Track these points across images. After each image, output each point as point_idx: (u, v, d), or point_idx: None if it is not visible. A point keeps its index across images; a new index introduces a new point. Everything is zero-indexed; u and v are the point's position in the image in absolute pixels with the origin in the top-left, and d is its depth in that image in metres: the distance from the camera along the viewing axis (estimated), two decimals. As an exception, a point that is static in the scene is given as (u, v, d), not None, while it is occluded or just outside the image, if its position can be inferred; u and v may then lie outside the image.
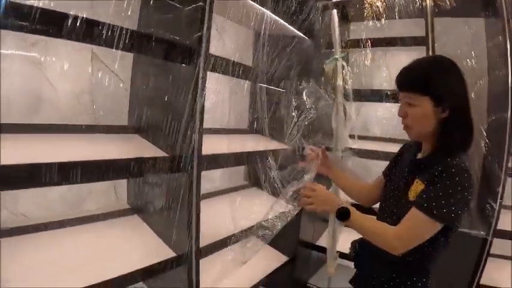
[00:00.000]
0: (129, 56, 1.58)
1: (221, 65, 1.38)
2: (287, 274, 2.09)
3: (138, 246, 1.36)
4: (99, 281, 1.09)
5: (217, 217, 1.71)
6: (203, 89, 1.28)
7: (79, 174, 1.03)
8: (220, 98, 1.91)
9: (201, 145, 1.31)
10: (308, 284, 2.21)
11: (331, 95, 2.04)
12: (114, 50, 1.08)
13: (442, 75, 1.08)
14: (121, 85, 1.57)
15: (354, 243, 1.38)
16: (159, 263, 1.27)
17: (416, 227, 1.06)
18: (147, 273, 1.24)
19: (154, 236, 1.46)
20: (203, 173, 2.01)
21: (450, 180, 1.02)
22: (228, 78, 1.98)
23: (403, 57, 2.20)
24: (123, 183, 1.67)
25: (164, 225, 1.44)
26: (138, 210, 1.60)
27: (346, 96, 2.03)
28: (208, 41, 1.26)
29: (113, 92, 1.55)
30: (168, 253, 1.35)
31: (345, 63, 2.02)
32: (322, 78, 2.05)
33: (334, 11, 2.05)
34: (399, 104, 1.16)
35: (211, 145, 1.53)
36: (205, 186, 2.07)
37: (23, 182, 0.95)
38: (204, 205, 1.81)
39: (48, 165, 0.96)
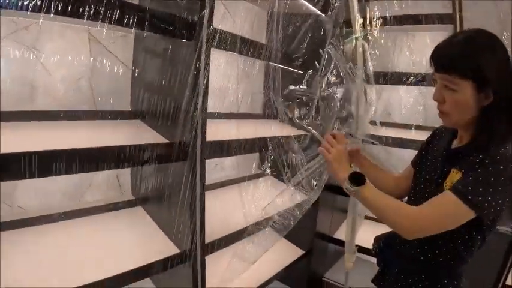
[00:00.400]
0: (130, 37, 1.46)
1: (227, 41, 1.24)
2: (303, 268, 1.98)
3: (139, 242, 1.26)
4: (91, 281, 0.99)
5: (228, 209, 1.59)
6: (206, 68, 1.15)
7: (69, 164, 0.91)
8: (231, 81, 1.77)
9: (205, 131, 1.19)
10: (324, 278, 2.09)
11: (350, 77, 1.89)
12: (107, 27, 0.97)
13: (488, 56, 0.91)
14: (121, 67, 1.45)
15: (377, 239, 1.25)
16: (159, 261, 1.17)
17: (443, 208, 0.93)
18: (144, 272, 1.14)
19: (157, 230, 1.35)
20: (212, 161, 1.93)
21: (493, 168, 0.88)
22: (239, 60, 1.85)
23: (428, 38, 2.00)
24: (127, 173, 1.57)
25: (167, 219, 1.33)
26: (142, 202, 1.50)
27: (366, 79, 1.88)
28: (211, 13, 1.13)
29: (114, 75, 1.44)
30: (170, 250, 1.24)
31: (364, 43, 1.86)
32: (341, 59, 1.88)
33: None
34: (427, 88, 1.01)
35: (219, 131, 1.42)
36: (216, 176, 1.97)
37: (19, 172, 0.84)
38: (214, 195, 1.75)
39: (41, 154, 0.86)
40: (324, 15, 1.81)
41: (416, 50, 2.06)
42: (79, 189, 1.43)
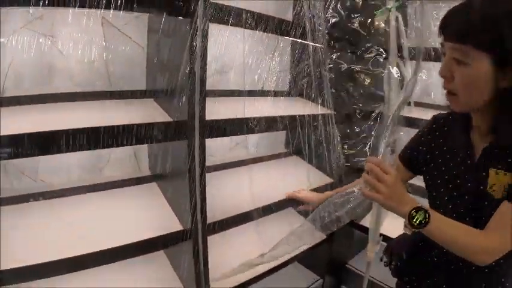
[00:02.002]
0: (143, 18, 1.48)
1: (229, 15, 1.19)
2: (324, 252, 1.91)
3: (145, 217, 1.30)
4: (87, 252, 1.05)
5: (239, 189, 1.57)
6: (203, 44, 1.13)
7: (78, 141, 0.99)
8: (255, 57, 1.72)
9: (204, 110, 1.17)
10: (347, 265, 2.00)
11: (382, 53, 1.73)
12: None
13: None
14: (135, 48, 1.48)
15: (390, 249, 1.13)
16: (159, 237, 1.20)
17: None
18: (145, 246, 1.18)
19: (166, 207, 1.39)
20: (234, 139, 1.91)
21: None
22: (263, 36, 1.78)
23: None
24: (144, 149, 1.62)
25: (174, 196, 1.36)
26: (157, 178, 1.55)
27: (400, 55, 1.70)
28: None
29: (128, 56, 1.47)
30: (174, 226, 1.27)
31: (399, 15, 1.67)
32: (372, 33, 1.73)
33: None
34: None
35: (229, 109, 1.39)
36: (239, 153, 1.96)
37: (38, 150, 0.95)
38: (229, 174, 1.75)
39: (54, 133, 0.94)
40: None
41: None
42: (98, 164, 1.52)
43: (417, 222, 0.85)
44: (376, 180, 0.89)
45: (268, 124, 1.33)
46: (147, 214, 1.32)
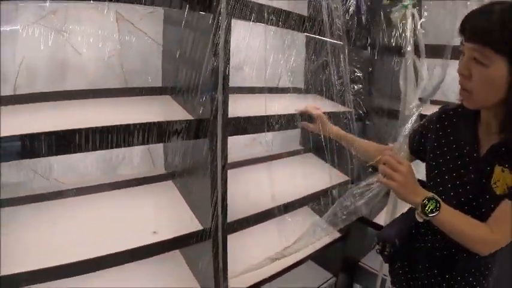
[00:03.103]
0: (158, 13, 1.45)
1: (252, 10, 1.17)
2: (338, 251, 1.91)
3: (162, 216, 1.28)
4: (101, 254, 1.04)
5: (258, 187, 1.55)
6: (227, 41, 1.10)
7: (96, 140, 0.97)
8: (272, 53, 1.70)
9: (227, 107, 1.16)
10: (360, 263, 2.01)
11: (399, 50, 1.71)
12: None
13: None
14: (150, 44, 1.45)
15: (383, 238, 1.16)
16: (180, 237, 1.19)
17: None
18: (163, 247, 1.17)
19: (184, 206, 1.37)
20: (250, 136, 1.89)
21: None
22: (281, 32, 1.76)
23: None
24: (159, 148, 1.60)
25: (192, 195, 1.34)
26: (173, 176, 1.53)
27: (417, 52, 1.69)
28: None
29: (143, 52, 1.45)
30: (194, 226, 1.25)
31: (415, 12, 1.66)
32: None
33: None
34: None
35: (248, 106, 1.37)
36: (255, 151, 1.94)
37: (53, 150, 0.93)
38: (247, 172, 1.73)
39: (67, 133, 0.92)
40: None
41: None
42: (113, 163, 1.49)
43: (429, 210, 0.90)
44: (391, 170, 0.95)
45: (288, 121, 1.31)
46: (164, 213, 1.30)
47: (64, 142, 0.93)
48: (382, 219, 1.86)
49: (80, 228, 1.15)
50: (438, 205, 0.91)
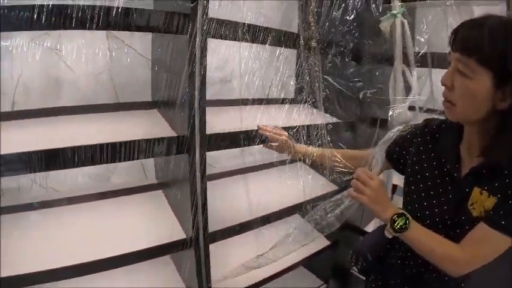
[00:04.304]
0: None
1: (227, 29, 1.21)
2: (328, 258, 1.93)
3: (148, 225, 1.34)
4: (88, 260, 1.11)
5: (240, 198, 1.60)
6: (202, 60, 1.15)
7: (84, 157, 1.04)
8: (260, 65, 1.73)
9: (204, 124, 1.20)
10: (352, 271, 2.02)
11: (388, 60, 1.71)
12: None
13: None
14: (140, 60, 1.51)
15: (356, 250, 1.18)
16: (162, 246, 1.25)
17: (486, 245, 0.87)
18: (149, 253, 1.23)
19: (170, 215, 1.42)
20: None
21: None
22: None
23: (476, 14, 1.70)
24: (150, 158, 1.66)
25: (178, 205, 1.40)
26: (162, 186, 1.59)
27: (406, 61, 1.68)
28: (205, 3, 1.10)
29: (133, 67, 1.51)
30: (177, 235, 1.31)
31: (405, 20, 1.65)
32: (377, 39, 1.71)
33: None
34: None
35: (228, 120, 1.41)
36: (244, 161, 1.97)
37: (45, 166, 1.01)
38: (237, 182, 1.77)
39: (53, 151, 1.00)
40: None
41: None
42: (106, 172, 1.57)
43: (398, 227, 0.91)
44: (362, 184, 0.97)
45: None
46: (153, 222, 1.36)
47: (54, 160, 1.00)
48: (372, 227, 1.87)
49: (72, 236, 1.23)
50: (408, 222, 0.91)
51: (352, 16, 1.59)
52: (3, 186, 1.37)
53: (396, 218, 0.92)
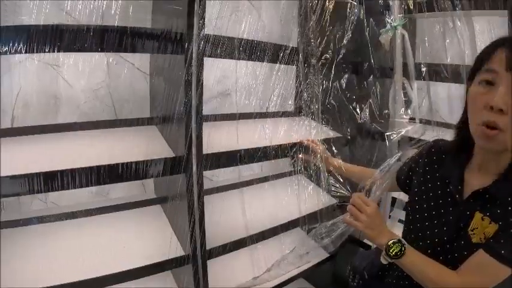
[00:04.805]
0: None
1: (223, 48, 1.20)
2: (328, 269, 1.92)
3: (146, 241, 1.34)
4: (84, 278, 1.11)
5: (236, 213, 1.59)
6: (199, 80, 1.14)
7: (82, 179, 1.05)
8: (259, 78, 1.73)
9: (201, 144, 1.20)
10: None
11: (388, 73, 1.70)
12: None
13: None
14: (138, 75, 1.51)
15: (354, 267, 1.18)
16: (159, 263, 1.24)
17: (484, 273, 0.85)
18: (144, 271, 1.22)
19: (168, 231, 1.42)
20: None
21: None
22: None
23: (477, 24, 1.67)
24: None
25: (176, 221, 1.40)
26: (162, 201, 1.59)
27: (406, 74, 1.66)
28: (200, 24, 1.10)
29: (132, 82, 1.52)
30: (175, 251, 1.30)
31: (405, 33, 1.64)
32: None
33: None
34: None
35: (225, 137, 1.41)
36: (243, 174, 1.96)
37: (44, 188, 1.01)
38: (233, 196, 1.74)
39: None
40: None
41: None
42: (105, 187, 1.57)
43: (393, 253, 0.91)
44: (358, 210, 0.98)
45: (265, 154, 1.34)
46: (151, 237, 1.36)
47: (53, 181, 1.01)
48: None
49: (71, 251, 1.23)
50: (403, 248, 0.91)
51: (352, 29, 1.57)
52: (3, 199, 1.39)
53: (391, 245, 0.92)
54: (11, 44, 0.92)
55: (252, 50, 1.25)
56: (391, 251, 0.92)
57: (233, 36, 1.47)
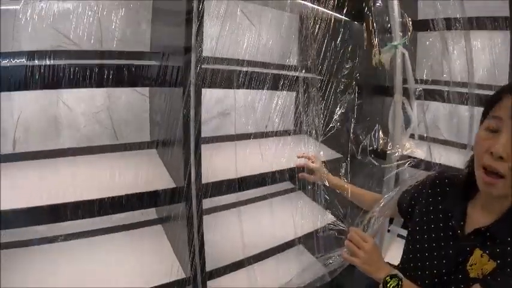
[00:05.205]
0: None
1: (222, 79, 1.21)
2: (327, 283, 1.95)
3: (146, 263, 1.36)
4: None
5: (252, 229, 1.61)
6: (198, 112, 1.15)
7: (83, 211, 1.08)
8: (259, 96, 1.73)
9: (200, 176, 1.22)
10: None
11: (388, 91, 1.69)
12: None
13: None
14: (138, 98, 1.52)
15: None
16: (163, 285, 1.26)
17: None
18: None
19: (169, 252, 1.44)
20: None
21: None
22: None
23: (479, 42, 1.65)
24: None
25: (176, 243, 1.41)
26: (162, 222, 1.61)
27: (406, 93, 1.65)
28: (198, 57, 1.11)
29: (131, 106, 1.53)
30: (175, 274, 1.32)
31: (406, 52, 1.62)
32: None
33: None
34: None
35: (224, 161, 1.42)
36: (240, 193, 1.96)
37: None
38: (232, 215, 1.76)
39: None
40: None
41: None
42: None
43: (390, 287, 0.91)
44: (355, 246, 0.98)
45: (264, 179, 1.36)
46: (152, 259, 1.38)
47: (56, 214, 1.04)
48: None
49: (72, 272, 1.25)
50: (400, 283, 0.92)
51: (352, 49, 1.57)
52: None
53: (389, 280, 0.92)
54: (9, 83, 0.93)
55: (250, 81, 1.24)
56: (388, 285, 0.92)
57: (233, 57, 1.48)
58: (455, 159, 1.55)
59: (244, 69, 1.22)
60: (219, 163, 1.38)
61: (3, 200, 0.98)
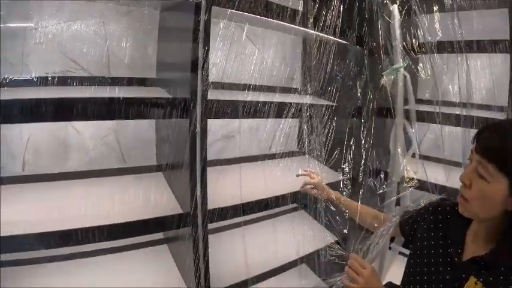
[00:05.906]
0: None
1: (227, 109, 1.24)
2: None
3: (153, 281, 1.39)
4: None
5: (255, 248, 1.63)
6: (204, 142, 1.18)
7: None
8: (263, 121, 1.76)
9: (206, 201, 1.25)
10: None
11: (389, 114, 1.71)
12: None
13: None
14: (145, 122, 1.56)
15: None
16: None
17: None
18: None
19: (174, 271, 1.47)
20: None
21: None
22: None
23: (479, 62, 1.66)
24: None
25: (180, 262, 1.44)
26: (167, 241, 1.64)
27: (407, 116, 1.68)
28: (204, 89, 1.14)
29: (139, 129, 1.56)
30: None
31: (407, 75, 1.65)
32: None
33: (395, 7, 1.65)
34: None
35: (229, 186, 1.45)
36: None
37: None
38: (236, 234, 1.77)
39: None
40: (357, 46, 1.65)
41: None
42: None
43: None
44: (354, 273, 1.03)
45: (267, 205, 1.39)
46: (158, 278, 1.41)
47: (67, 239, 1.08)
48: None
49: None
50: None
51: (355, 70, 1.60)
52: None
53: None
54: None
55: (255, 112, 1.28)
56: None
57: (239, 82, 1.51)
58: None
59: (249, 98, 1.25)
60: (224, 187, 1.41)
61: (10, 222, 1.01)
